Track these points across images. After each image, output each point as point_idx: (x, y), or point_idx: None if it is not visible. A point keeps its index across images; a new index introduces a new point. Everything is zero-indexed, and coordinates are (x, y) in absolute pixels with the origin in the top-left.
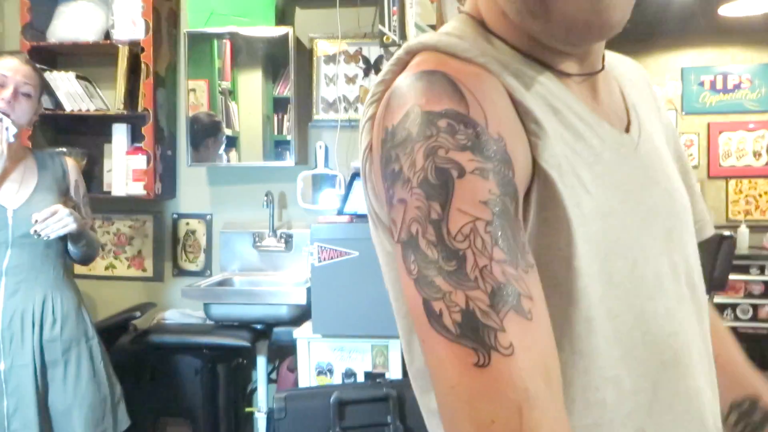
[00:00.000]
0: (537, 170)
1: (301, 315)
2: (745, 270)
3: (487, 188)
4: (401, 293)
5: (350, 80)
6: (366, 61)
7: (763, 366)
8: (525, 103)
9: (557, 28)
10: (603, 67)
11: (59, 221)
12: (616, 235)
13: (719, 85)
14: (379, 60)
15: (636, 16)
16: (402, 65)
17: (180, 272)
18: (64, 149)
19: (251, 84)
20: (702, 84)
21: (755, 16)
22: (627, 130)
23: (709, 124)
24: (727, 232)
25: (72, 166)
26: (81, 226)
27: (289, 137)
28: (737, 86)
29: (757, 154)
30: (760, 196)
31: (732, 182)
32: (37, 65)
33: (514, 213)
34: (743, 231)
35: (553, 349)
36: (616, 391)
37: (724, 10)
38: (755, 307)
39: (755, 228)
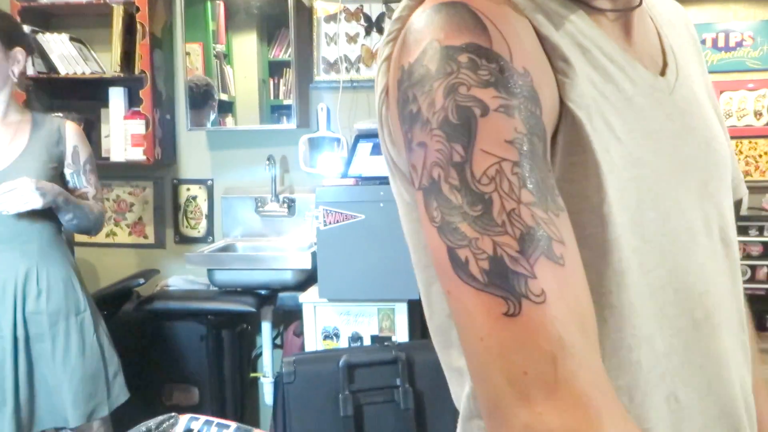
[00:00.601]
0: (564, 111)
1: (306, 280)
2: (743, 231)
3: (512, 126)
4: (421, 244)
5: (351, 39)
6: (368, 18)
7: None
8: (552, 39)
9: None
10: (640, 3)
11: (20, 197)
12: (647, 185)
13: (721, 43)
14: (381, 18)
15: None
16: (420, 0)
17: (182, 239)
18: (60, 114)
19: (246, 47)
20: (704, 42)
21: None
22: (662, 73)
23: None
24: None
25: (72, 131)
26: (56, 200)
27: (286, 101)
28: (739, 44)
29: (757, 114)
30: (760, 156)
31: (732, 143)
32: (29, 26)
33: (542, 153)
34: (743, 192)
35: (587, 297)
36: (649, 351)
37: None
38: (753, 268)
39: (754, 189)
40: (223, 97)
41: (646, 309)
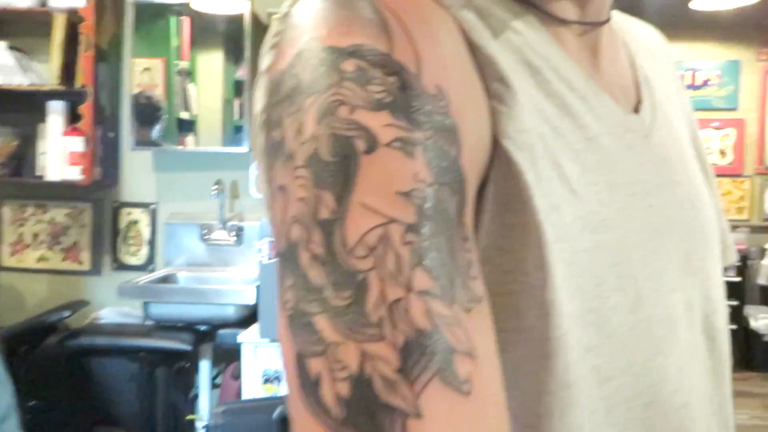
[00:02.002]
0: (498, 152)
1: (250, 316)
2: None
3: (411, 171)
4: None
5: None
6: None
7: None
8: (487, 51)
9: None
10: (608, 19)
11: None
12: (611, 258)
13: (688, 81)
14: None
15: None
16: None
17: (120, 266)
18: None
19: (212, 65)
20: None
21: (727, 10)
22: (636, 110)
23: None
24: None
25: None
26: None
27: (241, 122)
28: (706, 83)
29: (722, 153)
30: (725, 195)
31: (719, 197)
32: None
33: (456, 213)
34: None
35: None
36: None
37: (695, 4)
38: None
39: None
40: (185, 115)
41: None
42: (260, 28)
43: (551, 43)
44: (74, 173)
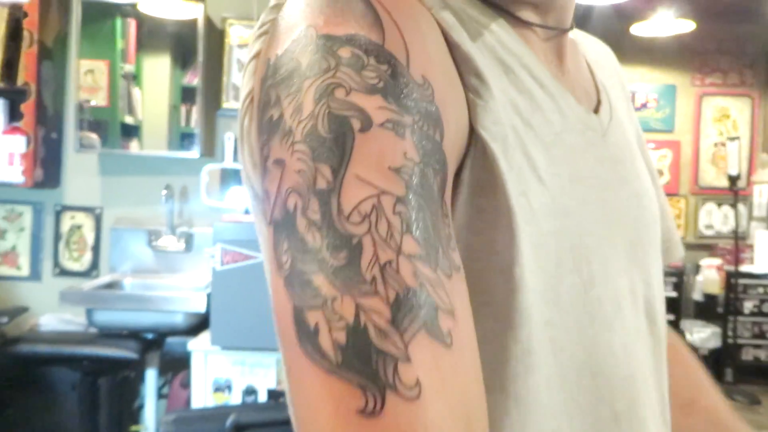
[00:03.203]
0: (474, 140)
1: (199, 324)
2: None
3: (401, 150)
4: None
5: None
6: None
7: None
8: (464, 48)
9: None
10: (572, 27)
11: None
12: (570, 242)
13: None
14: None
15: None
16: None
17: (62, 272)
18: None
19: (158, 70)
20: None
21: (663, 37)
22: (596, 110)
23: None
24: None
25: None
26: None
27: (196, 129)
28: (644, 105)
29: (659, 173)
30: None
31: (665, 200)
32: None
33: (438, 191)
34: None
35: (479, 390)
36: None
37: (635, 29)
38: None
39: None
40: (129, 120)
41: (557, 397)
42: (214, 32)
43: (521, 43)
44: (15, 174)
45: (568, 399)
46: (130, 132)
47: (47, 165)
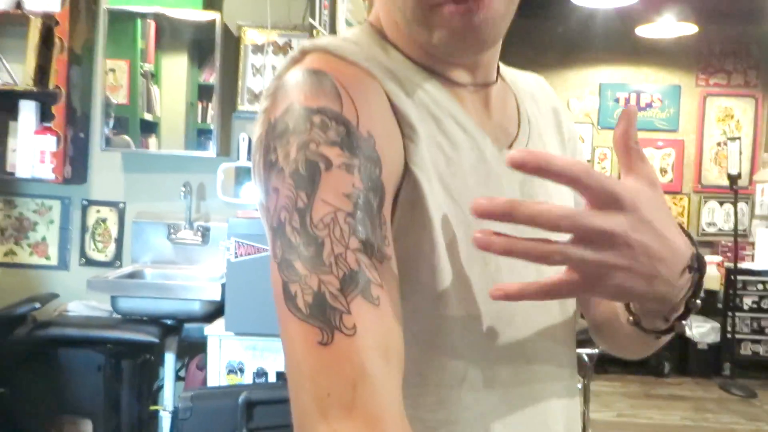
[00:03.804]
0: (407, 171)
1: (215, 311)
2: None
3: (351, 182)
4: None
5: None
6: None
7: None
8: (402, 108)
9: (438, 39)
10: (496, 80)
11: None
12: None
13: (633, 103)
14: None
15: (558, 30)
16: (296, 62)
17: (87, 262)
18: None
19: (176, 68)
20: (617, 100)
21: (668, 39)
22: (511, 145)
23: None
24: None
25: None
26: None
27: (212, 126)
28: (649, 105)
29: (663, 171)
30: None
31: None
32: None
33: (377, 207)
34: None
35: (396, 333)
36: (469, 391)
37: (640, 31)
38: None
39: None
40: (148, 117)
41: (469, 353)
42: (230, 37)
43: (450, 99)
44: (45, 171)
45: (480, 355)
46: (150, 128)
47: (75, 162)
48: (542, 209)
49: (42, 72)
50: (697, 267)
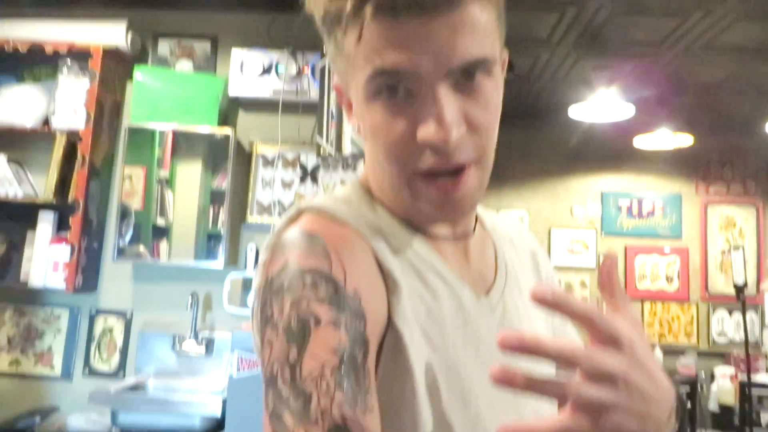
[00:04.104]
0: (390, 324)
1: (215, 428)
2: None
3: (338, 337)
4: None
5: (287, 185)
6: (303, 168)
7: None
8: (386, 264)
9: (423, 207)
10: (474, 232)
11: None
12: (460, 387)
13: (635, 211)
14: (316, 168)
15: (561, 139)
16: (293, 221)
17: (91, 372)
18: None
19: (190, 174)
20: (620, 208)
21: (664, 150)
22: (488, 292)
23: (626, 247)
24: None
25: None
26: None
27: (222, 231)
28: (651, 213)
29: (669, 279)
30: (673, 320)
31: (647, 304)
32: None
33: (361, 360)
34: (657, 354)
35: None
36: None
37: (638, 142)
38: None
39: (669, 352)
40: (161, 222)
41: None
42: (242, 150)
43: (432, 252)
44: (57, 281)
45: None
46: (161, 233)
47: (87, 272)
48: (558, 345)
49: (62, 184)
50: (680, 409)
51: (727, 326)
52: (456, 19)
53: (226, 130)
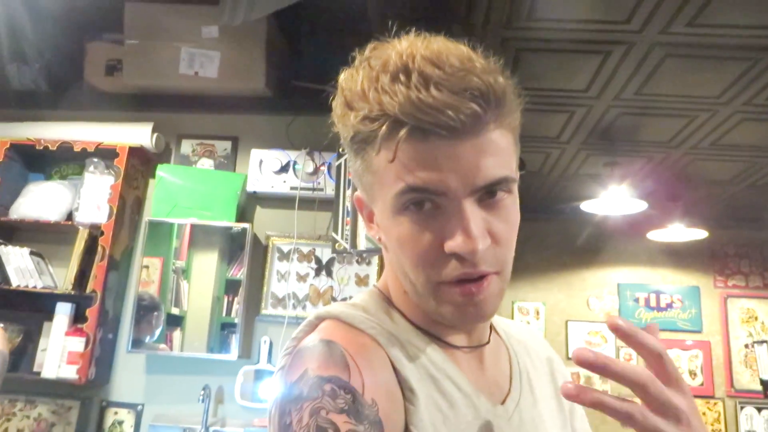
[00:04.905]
0: None
1: None
2: None
3: None
4: None
5: (301, 278)
6: (318, 261)
7: None
8: (404, 373)
9: (444, 311)
10: (489, 341)
11: None
12: None
13: (653, 303)
14: (331, 262)
15: (574, 232)
16: (312, 327)
17: None
18: (0, 324)
19: (206, 264)
20: (637, 300)
21: (679, 242)
22: (504, 401)
23: None
24: None
25: None
26: None
27: (236, 320)
28: (669, 305)
29: (692, 374)
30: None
31: None
32: None
33: None
34: None
35: None
36: None
37: (652, 235)
38: None
39: None
40: (175, 311)
41: None
42: (258, 244)
43: (447, 361)
44: (70, 372)
45: None
46: (176, 322)
47: (100, 363)
48: (632, 368)
49: (82, 276)
50: None
51: (756, 424)
52: (480, 142)
53: (244, 224)
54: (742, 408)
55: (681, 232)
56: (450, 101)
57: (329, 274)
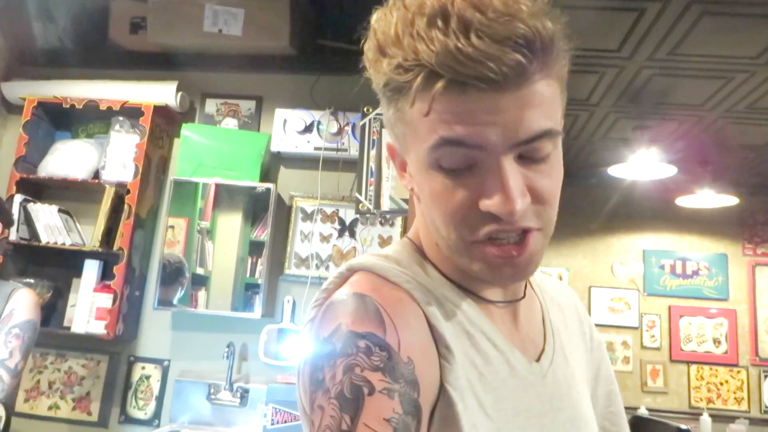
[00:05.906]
0: (442, 390)
1: None
2: None
3: (391, 407)
4: None
5: (324, 239)
6: (342, 222)
7: None
8: (439, 329)
9: (478, 269)
10: (524, 296)
11: None
12: None
13: (679, 270)
14: (354, 223)
15: (601, 197)
16: (343, 279)
17: (127, 419)
18: (31, 280)
19: (230, 225)
20: (662, 267)
21: (708, 209)
22: (539, 358)
23: (670, 307)
24: (684, 426)
25: (20, 297)
26: None
27: (260, 280)
28: (695, 272)
29: (716, 342)
30: (722, 384)
31: (693, 367)
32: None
33: (414, 430)
34: (706, 420)
35: None
36: None
37: (680, 201)
38: None
39: (717, 417)
40: (200, 271)
41: None
42: (282, 204)
43: (482, 316)
44: (98, 327)
45: None
46: (201, 282)
47: (128, 320)
48: None
49: (108, 234)
50: None
51: None
52: (523, 94)
53: (268, 184)
54: (766, 376)
55: (710, 198)
56: (492, 51)
57: (352, 235)
